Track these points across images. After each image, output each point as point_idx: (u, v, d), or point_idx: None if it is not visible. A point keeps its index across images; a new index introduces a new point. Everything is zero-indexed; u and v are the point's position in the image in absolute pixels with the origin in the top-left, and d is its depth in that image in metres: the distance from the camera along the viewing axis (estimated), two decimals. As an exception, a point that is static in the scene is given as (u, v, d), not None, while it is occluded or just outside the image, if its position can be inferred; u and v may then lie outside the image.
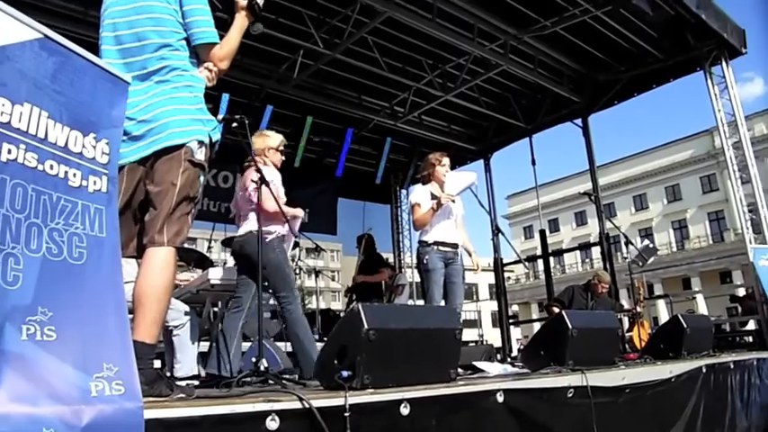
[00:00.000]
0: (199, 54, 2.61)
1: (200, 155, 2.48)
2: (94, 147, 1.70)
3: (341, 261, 39.67)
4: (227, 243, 8.41)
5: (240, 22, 2.73)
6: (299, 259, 9.30)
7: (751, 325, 9.87)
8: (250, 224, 4.26)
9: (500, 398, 2.84)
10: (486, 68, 9.04)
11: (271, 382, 3.08)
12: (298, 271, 9.29)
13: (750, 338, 9.18)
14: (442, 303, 4.98)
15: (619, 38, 8.50)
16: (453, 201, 5.15)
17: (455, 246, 5.18)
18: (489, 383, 2.95)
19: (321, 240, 11.02)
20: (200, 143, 2.48)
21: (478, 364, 4.30)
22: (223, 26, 2.73)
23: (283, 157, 4.59)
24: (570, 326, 3.84)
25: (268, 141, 4.54)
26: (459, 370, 3.80)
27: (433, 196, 5.12)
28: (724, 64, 8.17)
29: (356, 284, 8.47)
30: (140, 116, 2.40)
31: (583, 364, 3.69)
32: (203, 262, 7.26)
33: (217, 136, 2.59)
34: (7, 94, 1.47)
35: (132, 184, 2.43)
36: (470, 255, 5.44)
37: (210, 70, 2.61)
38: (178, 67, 2.51)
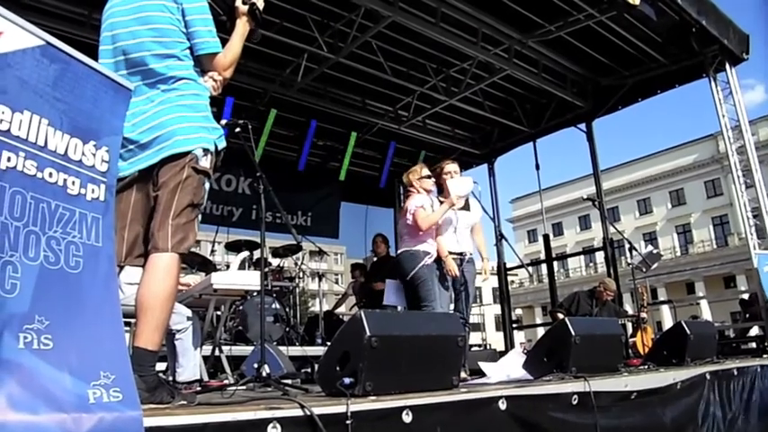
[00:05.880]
0: (202, 63, 2.60)
1: (205, 162, 2.48)
2: (94, 154, 1.68)
3: (344, 264, 39.69)
4: (231, 246, 8.45)
5: (242, 28, 2.72)
6: (302, 263, 9.25)
7: (755, 331, 9.83)
8: (404, 245, 5.05)
9: (503, 405, 2.82)
10: (491, 73, 9.03)
11: (270, 388, 3.06)
12: (301, 274, 9.25)
13: (754, 344, 9.15)
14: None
15: (623, 43, 8.47)
16: (456, 208, 5.13)
17: (461, 254, 5.13)
18: (492, 390, 2.93)
19: (325, 243, 11.00)
20: (206, 151, 2.48)
21: (483, 365, 4.24)
22: (223, 28, 2.73)
23: (432, 180, 5.25)
24: (573, 333, 3.82)
25: (412, 175, 5.29)
26: (464, 374, 3.78)
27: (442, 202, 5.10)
28: (728, 69, 8.17)
29: (374, 291, 7.86)
30: (147, 124, 2.41)
31: (586, 370, 3.66)
32: (206, 265, 7.27)
33: (222, 144, 2.59)
34: (7, 102, 1.45)
35: (141, 193, 2.44)
36: (482, 260, 5.43)
37: (215, 80, 2.62)
38: (184, 76, 2.51)
